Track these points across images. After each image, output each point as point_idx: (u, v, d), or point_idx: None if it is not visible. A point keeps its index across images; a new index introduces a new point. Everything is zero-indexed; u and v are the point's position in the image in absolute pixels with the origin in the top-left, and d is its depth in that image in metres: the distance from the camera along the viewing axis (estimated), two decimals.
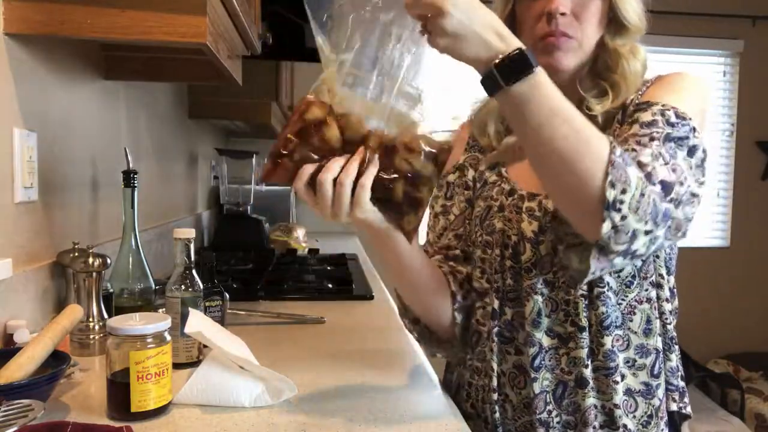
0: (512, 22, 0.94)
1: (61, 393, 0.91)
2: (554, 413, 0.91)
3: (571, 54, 0.90)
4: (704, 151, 0.81)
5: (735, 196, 4.06)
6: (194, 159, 2.61)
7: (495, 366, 0.94)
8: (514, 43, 0.71)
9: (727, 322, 4.07)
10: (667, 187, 0.74)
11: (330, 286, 1.81)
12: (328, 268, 2.16)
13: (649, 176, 0.74)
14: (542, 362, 0.91)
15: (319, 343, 1.27)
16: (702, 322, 4.04)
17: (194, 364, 1.02)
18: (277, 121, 2.73)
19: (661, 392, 0.91)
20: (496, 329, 0.95)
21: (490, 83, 0.72)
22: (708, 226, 4.09)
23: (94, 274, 1.14)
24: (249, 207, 2.75)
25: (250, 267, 2.12)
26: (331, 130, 0.75)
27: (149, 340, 0.84)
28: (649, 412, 0.90)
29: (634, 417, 0.90)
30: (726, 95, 4.05)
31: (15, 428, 0.67)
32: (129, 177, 1.27)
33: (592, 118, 0.86)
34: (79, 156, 1.38)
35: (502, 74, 0.71)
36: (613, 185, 0.71)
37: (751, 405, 3.50)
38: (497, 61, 0.70)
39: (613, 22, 0.91)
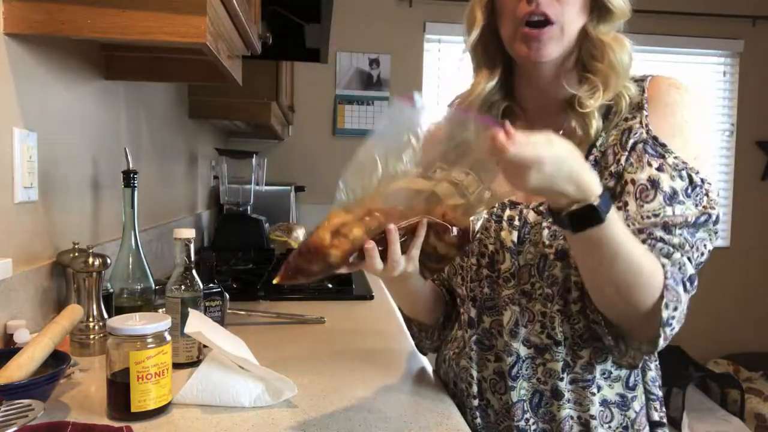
0: (492, 6, 0.92)
1: (61, 393, 0.91)
2: (531, 421, 0.92)
3: (552, 43, 0.86)
4: (717, 206, 0.86)
5: (735, 196, 4.06)
6: (194, 159, 2.61)
7: (474, 373, 0.95)
8: (589, 194, 0.72)
9: (727, 322, 4.07)
10: (692, 280, 0.82)
11: (330, 286, 1.81)
12: None
13: (684, 285, 0.80)
14: (519, 371, 0.92)
15: (319, 343, 1.27)
16: (702, 322, 4.03)
17: (194, 364, 1.02)
18: (277, 121, 2.73)
19: (637, 404, 0.92)
20: (474, 337, 0.96)
21: (559, 223, 0.76)
22: None
23: (94, 274, 1.14)
24: (249, 207, 2.75)
25: (250, 267, 2.11)
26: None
27: (149, 340, 0.84)
28: (624, 423, 0.91)
29: (610, 427, 0.91)
30: (726, 95, 4.05)
31: (15, 428, 0.67)
32: (129, 177, 1.27)
33: (585, 115, 0.87)
34: (79, 156, 1.38)
35: (572, 223, 0.73)
36: (667, 306, 0.78)
37: (751, 405, 3.50)
38: (571, 210, 0.72)
39: (596, 7, 0.88)
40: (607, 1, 0.87)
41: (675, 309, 0.78)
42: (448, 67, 3.71)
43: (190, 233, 1.08)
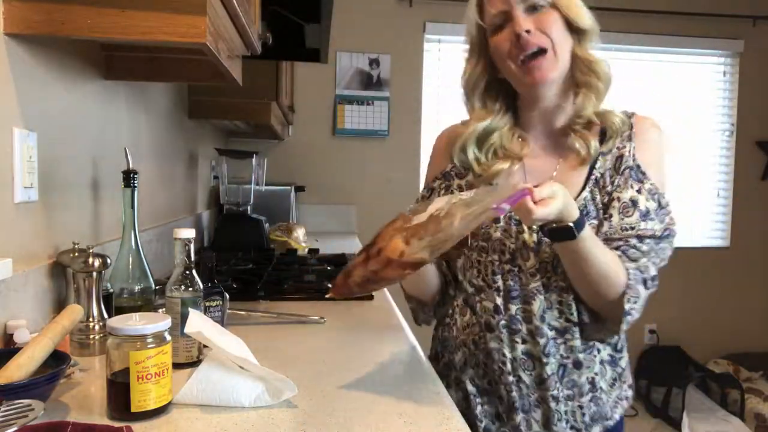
0: (484, 63, 1.13)
1: (61, 393, 0.91)
2: (559, 388, 1.11)
3: (549, 66, 1.06)
4: (675, 224, 1.08)
5: (735, 196, 4.06)
6: (194, 159, 2.61)
7: (507, 353, 1.11)
8: (569, 220, 0.96)
9: (727, 322, 4.07)
10: (654, 279, 1.06)
11: (330, 286, 1.81)
12: (328, 268, 2.16)
13: (645, 282, 1.04)
14: (549, 350, 1.10)
15: (319, 343, 1.27)
16: (702, 322, 4.04)
17: (194, 364, 1.02)
18: (277, 121, 2.73)
19: (623, 362, 1.17)
20: (502, 322, 1.11)
21: (544, 234, 1.03)
22: (708, 226, 4.09)
23: (94, 274, 1.14)
24: (249, 207, 2.75)
25: (250, 267, 2.11)
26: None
27: (149, 340, 0.84)
28: (614, 376, 1.16)
29: (606, 380, 1.14)
30: (726, 95, 4.05)
31: (15, 428, 0.67)
32: (129, 177, 1.27)
33: (584, 136, 1.11)
34: (79, 156, 1.38)
35: (552, 236, 1.00)
36: (629, 300, 1.03)
37: (751, 405, 3.50)
38: (550, 227, 0.98)
39: (574, 31, 1.07)
40: (579, 23, 1.07)
41: (635, 302, 1.03)
42: (448, 67, 3.71)
43: (190, 233, 1.09)
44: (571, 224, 0.96)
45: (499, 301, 1.11)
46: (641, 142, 1.11)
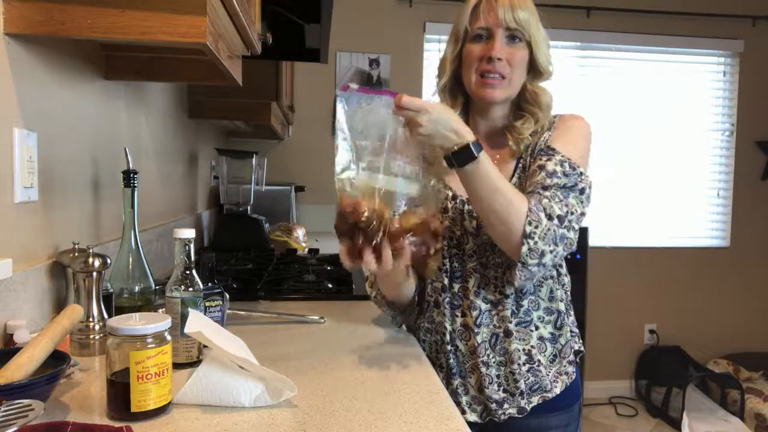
0: (459, 59, 1.26)
1: (61, 393, 0.91)
2: (491, 356, 1.23)
3: (500, 89, 1.22)
4: (589, 186, 1.17)
5: (735, 196, 4.06)
6: (194, 159, 2.61)
7: (447, 326, 1.25)
8: (466, 138, 1.05)
9: (727, 322, 4.07)
10: (561, 219, 1.11)
11: (330, 286, 1.81)
12: (328, 268, 2.16)
13: (549, 216, 1.10)
14: (481, 321, 1.23)
15: (319, 343, 1.27)
16: (702, 322, 4.04)
17: (194, 364, 1.02)
18: (277, 121, 2.73)
19: (563, 339, 1.26)
20: (447, 299, 1.25)
21: (449, 163, 1.07)
22: (708, 226, 4.09)
23: (94, 274, 1.14)
24: (249, 207, 2.75)
25: (250, 267, 2.12)
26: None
27: (149, 340, 0.84)
28: (554, 353, 1.25)
29: (545, 355, 1.24)
30: (726, 95, 4.05)
31: (15, 428, 0.67)
32: (129, 177, 1.27)
33: (518, 139, 1.24)
34: (79, 156, 1.38)
35: (456, 159, 1.06)
36: (530, 223, 1.08)
37: (751, 405, 3.50)
38: (454, 149, 1.05)
39: (532, 69, 1.25)
40: (540, 67, 1.25)
41: (536, 227, 1.08)
42: None
43: (190, 233, 1.08)
44: (468, 142, 1.04)
45: (446, 281, 1.26)
46: (561, 128, 1.25)
